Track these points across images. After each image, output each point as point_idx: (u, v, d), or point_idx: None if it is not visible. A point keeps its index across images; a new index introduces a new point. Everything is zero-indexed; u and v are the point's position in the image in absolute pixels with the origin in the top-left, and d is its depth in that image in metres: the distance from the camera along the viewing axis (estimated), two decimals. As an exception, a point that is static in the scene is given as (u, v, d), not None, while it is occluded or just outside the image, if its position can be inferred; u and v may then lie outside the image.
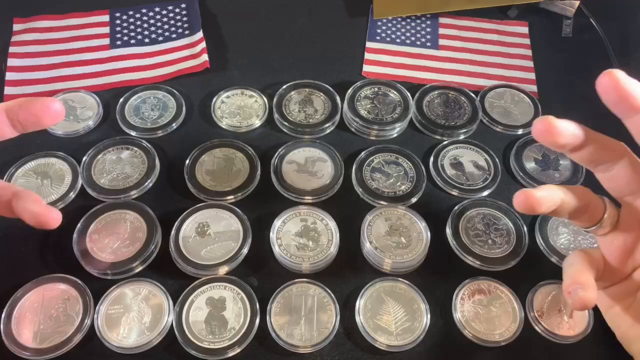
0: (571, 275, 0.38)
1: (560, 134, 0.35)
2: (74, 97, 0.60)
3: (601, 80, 0.35)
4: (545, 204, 0.37)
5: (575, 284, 0.37)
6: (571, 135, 0.36)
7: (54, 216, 0.37)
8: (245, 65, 0.65)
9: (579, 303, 0.36)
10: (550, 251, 0.51)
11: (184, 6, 0.70)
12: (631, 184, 0.38)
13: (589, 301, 0.36)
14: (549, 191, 0.37)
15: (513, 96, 0.63)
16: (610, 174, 0.38)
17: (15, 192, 0.37)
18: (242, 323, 0.46)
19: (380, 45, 0.68)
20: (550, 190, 0.37)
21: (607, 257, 0.41)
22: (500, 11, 0.72)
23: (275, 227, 0.51)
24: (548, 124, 0.35)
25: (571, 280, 0.37)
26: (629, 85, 0.34)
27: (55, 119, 0.37)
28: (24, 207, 0.36)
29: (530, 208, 0.37)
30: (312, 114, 0.60)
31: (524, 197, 0.36)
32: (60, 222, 0.37)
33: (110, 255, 0.49)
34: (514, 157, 0.57)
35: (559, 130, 0.35)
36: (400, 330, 0.46)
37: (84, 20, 0.68)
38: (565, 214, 0.38)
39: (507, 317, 0.47)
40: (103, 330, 0.45)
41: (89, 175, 0.54)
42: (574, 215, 0.39)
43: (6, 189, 0.37)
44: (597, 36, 0.67)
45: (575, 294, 0.36)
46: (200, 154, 0.56)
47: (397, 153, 0.57)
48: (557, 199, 0.37)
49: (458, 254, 0.51)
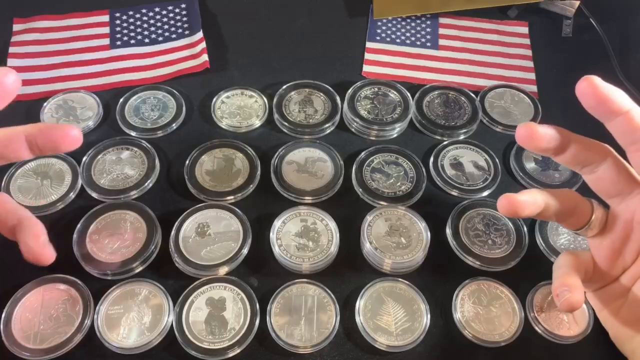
0: (559, 277, 0.39)
1: (541, 139, 0.37)
2: (74, 97, 0.60)
3: (579, 86, 0.36)
4: (528, 207, 0.38)
5: (563, 287, 0.38)
6: (553, 139, 0.37)
7: (48, 256, 0.38)
8: (245, 65, 0.65)
9: (566, 305, 0.38)
10: (550, 251, 0.51)
11: (184, 6, 0.70)
12: (617, 185, 0.39)
13: (575, 303, 0.37)
14: (532, 195, 0.39)
15: (513, 96, 0.63)
16: (596, 175, 0.39)
17: (20, 220, 0.38)
18: (242, 323, 0.46)
19: (380, 46, 0.68)
20: (533, 194, 0.39)
21: (596, 258, 0.42)
22: (500, 11, 0.72)
23: (275, 228, 0.51)
24: (530, 130, 0.37)
25: (559, 283, 0.39)
26: (606, 90, 0.36)
27: (73, 146, 0.38)
28: (23, 239, 0.37)
29: (514, 212, 0.38)
30: (312, 114, 0.60)
31: (507, 202, 0.38)
32: (53, 259, 0.38)
33: (110, 255, 0.49)
34: (514, 157, 0.57)
35: (540, 135, 0.37)
36: (400, 331, 0.46)
37: (84, 20, 0.68)
38: (551, 216, 0.40)
39: (507, 317, 0.47)
40: (103, 330, 0.45)
41: (89, 175, 0.54)
42: (560, 218, 0.40)
43: (14, 213, 0.38)
44: (597, 36, 0.67)
45: (562, 296, 0.38)
46: (200, 154, 0.56)
47: (397, 153, 0.57)
48: (540, 202, 0.38)
49: (458, 254, 0.51)
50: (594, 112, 0.37)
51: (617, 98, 0.36)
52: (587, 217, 0.40)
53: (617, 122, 0.36)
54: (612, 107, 0.36)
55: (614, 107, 0.36)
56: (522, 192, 0.39)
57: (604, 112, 0.37)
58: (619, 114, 0.36)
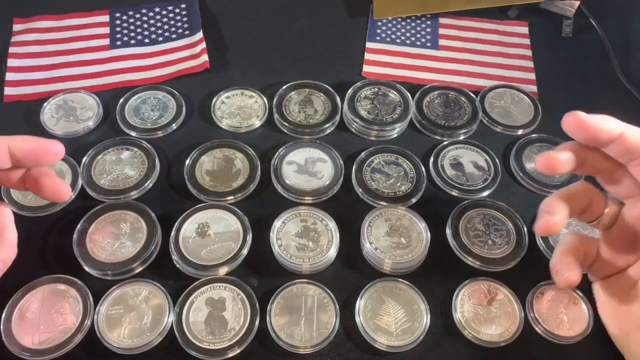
0: (558, 254, 0.41)
1: (563, 166, 0.38)
2: (74, 97, 0.60)
3: (566, 121, 0.37)
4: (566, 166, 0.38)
5: (561, 264, 0.40)
6: (571, 162, 0.38)
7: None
8: (245, 65, 0.65)
9: (564, 282, 0.39)
10: (550, 251, 0.51)
11: (184, 6, 0.70)
12: (630, 189, 0.40)
13: (572, 280, 0.39)
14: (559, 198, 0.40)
15: (513, 96, 0.63)
16: (610, 180, 0.40)
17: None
18: (242, 324, 0.46)
19: (380, 46, 0.68)
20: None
21: (604, 247, 0.43)
22: (500, 11, 0.72)
23: (275, 228, 0.51)
24: (551, 159, 0.38)
25: (557, 260, 0.41)
26: (593, 123, 0.36)
27: (54, 160, 0.39)
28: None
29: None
30: (312, 114, 0.60)
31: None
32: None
33: (110, 255, 0.49)
34: (514, 158, 0.57)
35: (561, 163, 0.38)
36: (400, 331, 0.46)
37: (84, 20, 0.68)
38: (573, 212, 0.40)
39: (507, 317, 0.47)
40: (103, 330, 0.45)
41: (89, 175, 0.54)
42: (574, 213, 0.41)
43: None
44: (597, 36, 0.68)
45: (561, 274, 0.40)
46: (200, 154, 0.56)
47: (397, 153, 0.57)
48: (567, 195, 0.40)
49: (458, 254, 0.51)
50: (587, 144, 0.38)
51: (606, 127, 0.36)
52: (601, 211, 0.41)
53: (613, 147, 0.37)
54: (603, 138, 0.37)
55: (605, 138, 0.36)
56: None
57: (597, 144, 0.37)
58: (611, 141, 0.37)
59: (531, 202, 0.55)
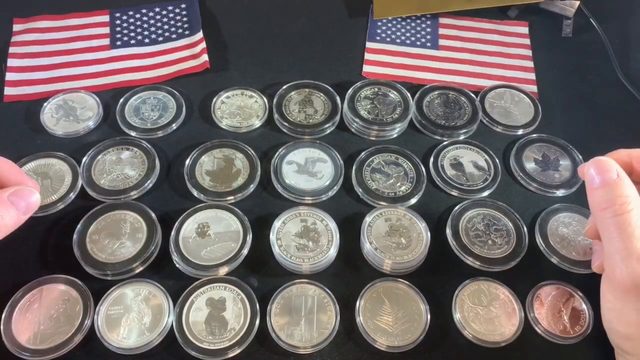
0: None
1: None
2: (74, 97, 0.60)
3: (580, 172, 0.44)
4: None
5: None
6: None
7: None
8: (245, 65, 0.65)
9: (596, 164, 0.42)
10: (550, 251, 0.51)
11: (184, 6, 0.70)
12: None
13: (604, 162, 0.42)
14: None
15: (513, 96, 0.63)
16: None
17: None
18: (242, 324, 0.46)
19: (380, 46, 0.68)
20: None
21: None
22: (500, 11, 0.72)
23: (275, 228, 0.51)
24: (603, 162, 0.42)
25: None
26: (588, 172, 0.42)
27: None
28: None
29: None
30: (312, 114, 0.60)
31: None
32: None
33: (110, 255, 0.49)
34: (514, 158, 0.57)
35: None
36: (400, 331, 0.46)
37: (84, 20, 0.68)
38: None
39: (507, 317, 0.47)
40: (103, 330, 0.45)
41: (89, 175, 0.54)
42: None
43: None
44: (597, 36, 0.68)
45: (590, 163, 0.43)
46: (200, 154, 0.56)
47: (397, 153, 0.57)
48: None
49: (458, 254, 0.51)
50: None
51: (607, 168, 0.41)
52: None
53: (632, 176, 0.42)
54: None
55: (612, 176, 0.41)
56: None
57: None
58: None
59: (531, 202, 0.55)
